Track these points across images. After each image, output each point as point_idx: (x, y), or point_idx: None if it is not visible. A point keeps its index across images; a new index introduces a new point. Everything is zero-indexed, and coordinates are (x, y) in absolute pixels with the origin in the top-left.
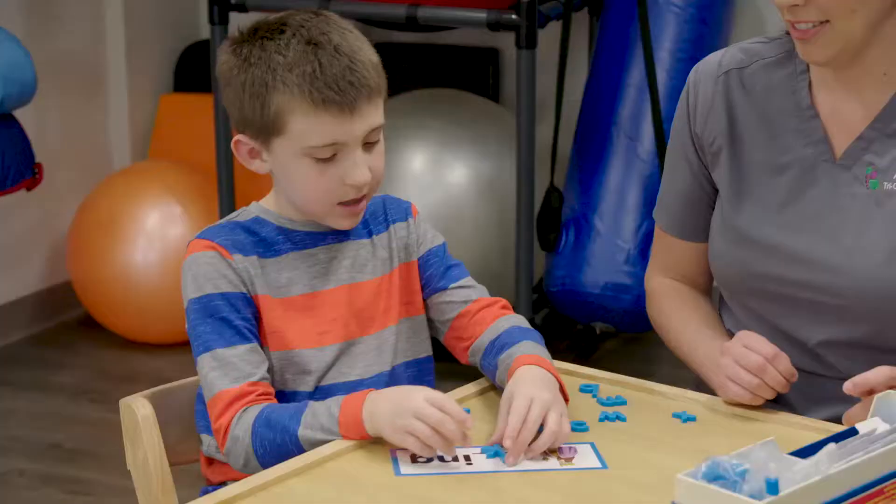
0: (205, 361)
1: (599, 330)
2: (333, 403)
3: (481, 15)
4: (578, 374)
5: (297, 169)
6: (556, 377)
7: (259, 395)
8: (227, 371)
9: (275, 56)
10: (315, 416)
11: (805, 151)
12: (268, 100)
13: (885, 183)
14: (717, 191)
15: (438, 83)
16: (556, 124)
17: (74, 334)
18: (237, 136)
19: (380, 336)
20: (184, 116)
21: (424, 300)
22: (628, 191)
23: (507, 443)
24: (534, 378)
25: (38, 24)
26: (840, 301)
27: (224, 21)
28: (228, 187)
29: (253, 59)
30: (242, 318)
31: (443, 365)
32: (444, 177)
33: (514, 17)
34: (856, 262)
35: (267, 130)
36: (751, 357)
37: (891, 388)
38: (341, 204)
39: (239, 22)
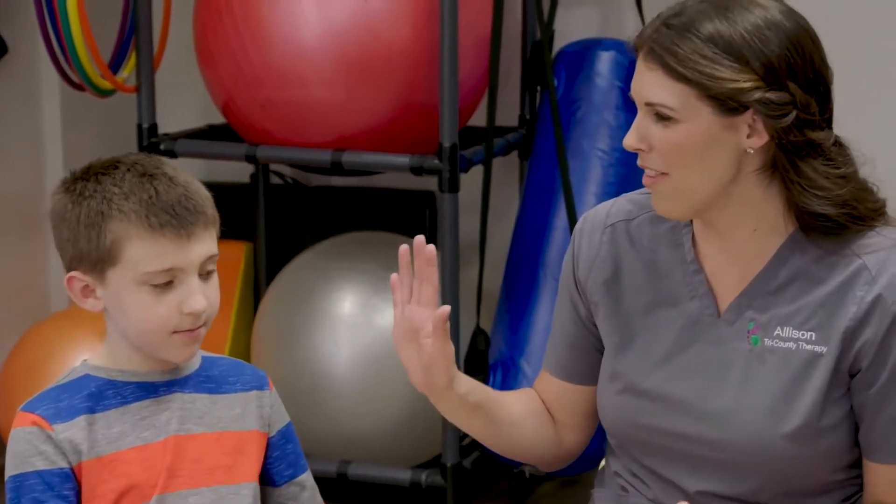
0: None
1: (528, 473)
2: None
3: (404, 160)
4: None
5: (134, 298)
6: None
7: None
8: None
9: (110, 187)
10: None
11: (690, 305)
12: (104, 228)
13: (766, 339)
14: (600, 338)
15: (376, 226)
16: (480, 266)
17: None
18: (70, 274)
19: (217, 491)
20: None
21: (262, 477)
22: None
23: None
24: None
25: None
26: (721, 456)
27: None
28: None
29: (87, 192)
30: (57, 496)
31: None
32: (374, 320)
33: (436, 161)
34: (737, 420)
35: (102, 261)
36: None
37: None
38: (177, 332)
39: None
